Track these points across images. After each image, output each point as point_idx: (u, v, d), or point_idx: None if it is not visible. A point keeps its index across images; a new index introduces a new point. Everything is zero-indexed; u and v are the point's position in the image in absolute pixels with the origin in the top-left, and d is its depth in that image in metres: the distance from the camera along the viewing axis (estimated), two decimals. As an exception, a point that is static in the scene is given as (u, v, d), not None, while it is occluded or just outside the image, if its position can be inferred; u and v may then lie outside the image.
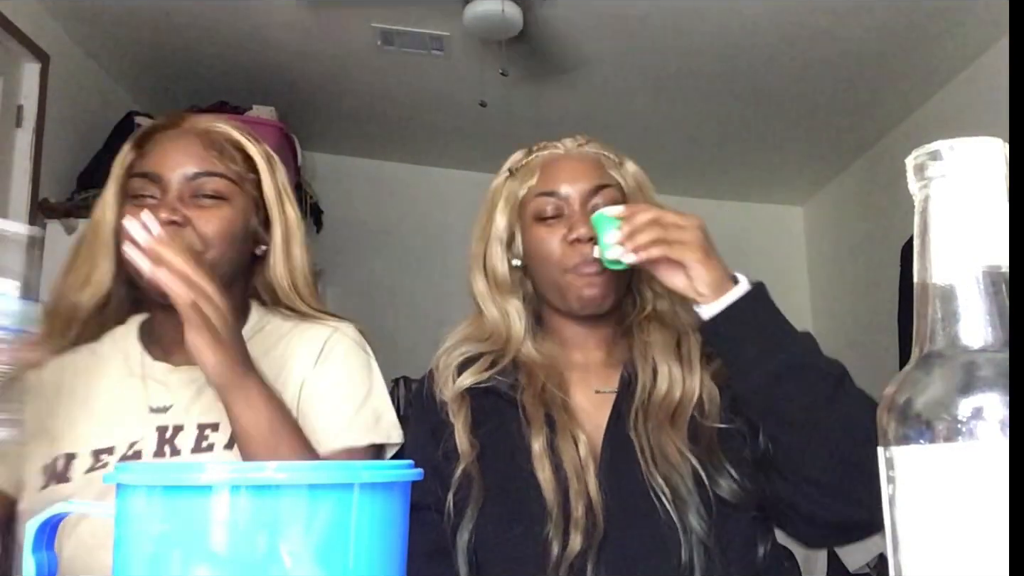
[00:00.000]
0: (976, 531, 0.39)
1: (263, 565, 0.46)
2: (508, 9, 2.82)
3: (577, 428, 1.04)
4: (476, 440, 1.05)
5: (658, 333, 1.12)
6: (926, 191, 0.44)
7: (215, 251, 1.05)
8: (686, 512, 0.97)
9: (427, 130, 4.15)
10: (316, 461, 0.97)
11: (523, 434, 1.04)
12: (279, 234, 1.13)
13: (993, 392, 0.40)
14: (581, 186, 1.11)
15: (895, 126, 3.86)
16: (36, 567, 0.52)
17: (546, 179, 1.13)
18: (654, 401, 1.06)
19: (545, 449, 1.02)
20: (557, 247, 1.09)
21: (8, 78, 2.85)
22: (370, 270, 4.36)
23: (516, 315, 1.15)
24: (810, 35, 3.16)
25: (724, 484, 0.99)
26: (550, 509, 0.98)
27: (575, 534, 0.96)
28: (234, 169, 1.10)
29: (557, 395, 1.07)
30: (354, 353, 1.13)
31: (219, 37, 3.27)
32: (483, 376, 1.10)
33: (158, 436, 1.03)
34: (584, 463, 1.01)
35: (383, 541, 0.49)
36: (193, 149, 1.08)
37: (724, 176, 4.60)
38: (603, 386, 1.11)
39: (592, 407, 1.09)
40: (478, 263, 1.17)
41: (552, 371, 1.11)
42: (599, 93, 3.64)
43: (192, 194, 1.06)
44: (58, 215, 2.98)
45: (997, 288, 0.42)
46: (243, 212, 1.10)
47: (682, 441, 1.01)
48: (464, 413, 1.08)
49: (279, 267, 1.14)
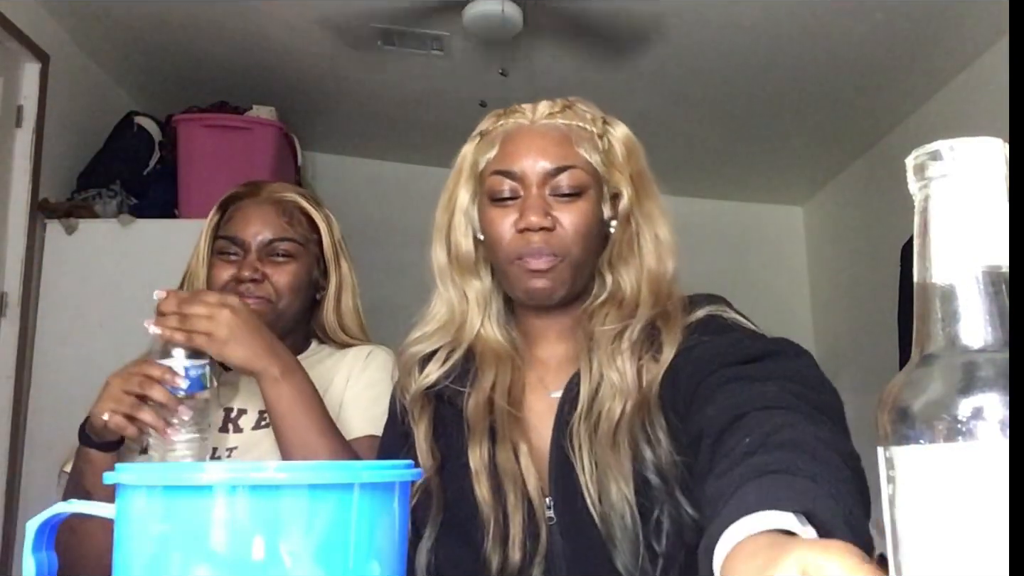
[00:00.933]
0: (976, 531, 0.39)
1: (263, 565, 0.46)
2: (508, 9, 2.82)
3: (520, 437, 0.95)
4: (437, 450, 0.98)
5: (607, 325, 0.98)
6: (926, 191, 0.44)
7: (286, 300, 1.30)
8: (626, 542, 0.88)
9: (427, 130, 4.14)
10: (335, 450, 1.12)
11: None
12: (333, 284, 1.40)
13: (993, 392, 0.40)
14: (541, 166, 0.98)
15: (895, 126, 3.86)
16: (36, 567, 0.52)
17: (504, 155, 1.01)
18: (597, 412, 0.93)
19: (484, 463, 0.94)
20: (507, 232, 0.99)
21: (8, 78, 2.85)
22: (369, 269, 4.35)
23: (475, 300, 1.04)
24: (810, 35, 3.16)
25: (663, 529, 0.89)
26: (485, 525, 0.92)
27: (513, 551, 0.90)
28: (301, 232, 1.35)
29: (501, 404, 0.97)
30: (388, 365, 1.33)
31: (219, 37, 3.27)
32: (435, 378, 1.02)
33: (225, 415, 1.28)
34: (525, 475, 0.93)
35: (383, 541, 0.49)
36: (269, 218, 1.33)
37: (724, 176, 4.60)
38: (557, 388, 1.00)
39: (546, 412, 0.99)
40: (440, 234, 1.06)
41: (506, 368, 1.01)
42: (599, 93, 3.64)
43: (268, 254, 1.31)
44: (58, 215, 2.98)
45: (997, 288, 0.42)
46: (308, 267, 1.35)
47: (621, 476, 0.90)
48: (425, 421, 1.01)
49: (330, 314, 1.40)
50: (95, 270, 2.95)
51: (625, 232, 1.02)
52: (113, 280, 2.92)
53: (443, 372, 1.02)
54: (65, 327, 2.90)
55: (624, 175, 1.02)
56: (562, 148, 1.00)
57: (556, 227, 0.98)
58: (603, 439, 0.92)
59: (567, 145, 1.00)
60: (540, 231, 0.97)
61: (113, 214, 3.05)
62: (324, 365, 1.36)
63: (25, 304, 2.86)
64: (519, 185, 0.99)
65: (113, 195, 3.12)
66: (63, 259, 2.97)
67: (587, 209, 1.00)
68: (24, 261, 2.87)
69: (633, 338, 0.96)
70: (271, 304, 1.29)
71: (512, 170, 1.00)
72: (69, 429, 1.28)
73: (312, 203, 1.39)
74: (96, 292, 2.91)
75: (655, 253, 1.02)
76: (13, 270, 2.85)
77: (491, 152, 1.02)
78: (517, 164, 0.99)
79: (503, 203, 1.00)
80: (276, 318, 1.29)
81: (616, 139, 1.04)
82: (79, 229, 2.99)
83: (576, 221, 0.99)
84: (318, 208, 1.40)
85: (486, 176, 1.02)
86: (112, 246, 2.97)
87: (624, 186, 1.02)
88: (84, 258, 2.97)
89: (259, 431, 1.28)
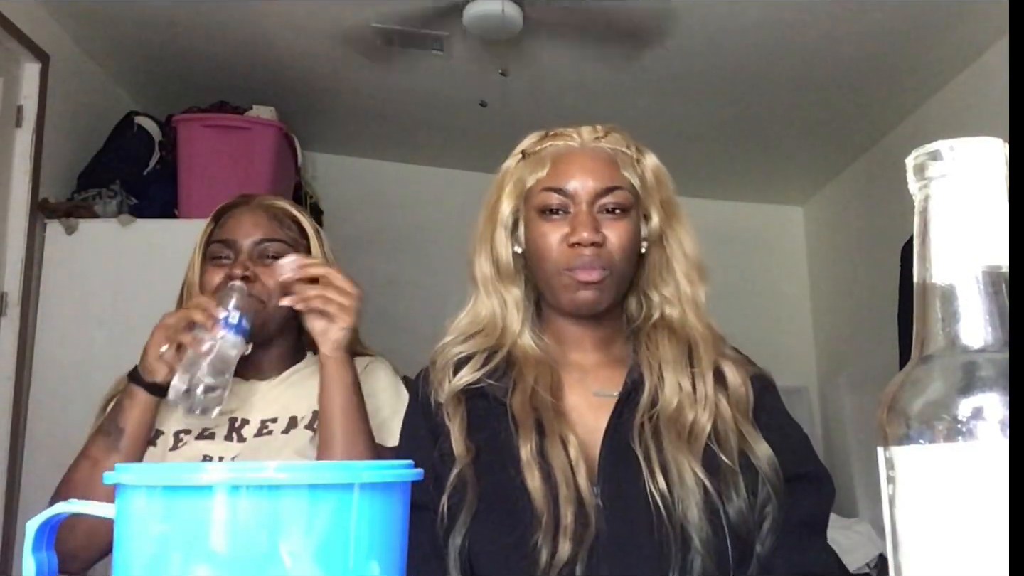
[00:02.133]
0: (976, 531, 0.39)
1: (263, 565, 0.46)
2: (508, 9, 2.82)
3: (568, 431, 1.01)
4: (472, 443, 1.03)
5: (668, 344, 1.08)
6: (926, 191, 0.44)
7: (275, 301, 1.30)
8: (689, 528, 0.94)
9: (427, 130, 4.15)
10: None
11: (514, 439, 1.01)
12: None
13: (993, 392, 0.40)
14: (591, 185, 1.07)
15: (895, 126, 3.86)
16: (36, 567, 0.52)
17: (555, 173, 1.08)
18: (663, 414, 1.02)
19: (534, 455, 0.99)
20: (557, 246, 1.06)
21: (8, 78, 2.85)
22: (370, 270, 4.36)
23: (515, 306, 1.12)
24: (810, 36, 3.16)
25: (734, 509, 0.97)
26: (539, 515, 0.95)
27: (564, 541, 0.94)
28: (290, 235, 1.38)
29: (546, 398, 1.04)
30: (387, 375, 1.40)
31: (219, 37, 3.27)
32: (475, 376, 1.07)
33: (228, 424, 1.32)
34: (575, 467, 0.98)
35: (383, 541, 0.49)
36: (259, 220, 1.37)
37: (724, 176, 4.60)
38: (603, 388, 1.08)
39: (589, 409, 1.06)
40: (485, 245, 1.13)
41: (546, 369, 1.08)
42: (599, 93, 3.64)
43: (259, 255, 1.34)
44: (58, 215, 2.98)
45: (997, 288, 0.42)
46: None
47: (696, 464, 0.98)
48: (460, 415, 1.05)
49: None
50: (95, 270, 2.95)
51: (659, 255, 1.12)
52: (113, 280, 2.92)
53: (485, 372, 1.08)
54: (65, 327, 2.90)
55: (655, 201, 1.12)
56: (609, 169, 1.09)
57: (605, 242, 1.06)
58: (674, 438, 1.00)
59: (613, 167, 1.09)
60: (591, 246, 1.04)
61: (113, 214, 3.05)
62: None
63: (25, 304, 2.86)
64: (569, 202, 1.07)
65: (113, 195, 3.11)
66: (63, 259, 2.97)
67: (630, 228, 1.08)
68: (24, 261, 2.87)
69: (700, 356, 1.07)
70: (262, 304, 1.30)
71: (564, 188, 1.07)
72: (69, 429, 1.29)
73: (300, 211, 1.44)
74: (96, 292, 2.91)
75: (688, 277, 1.11)
76: (13, 270, 2.85)
77: (541, 171, 1.09)
78: (569, 182, 1.07)
79: (551, 217, 1.08)
80: (266, 319, 1.31)
81: (648, 167, 1.13)
82: (79, 229, 2.99)
83: (622, 237, 1.07)
84: (307, 216, 1.44)
85: (536, 192, 1.09)
86: (112, 246, 2.97)
87: (654, 210, 1.11)
88: (84, 258, 2.97)
89: (260, 438, 1.30)
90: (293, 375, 1.39)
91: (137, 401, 1.24)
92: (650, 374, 1.06)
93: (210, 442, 1.30)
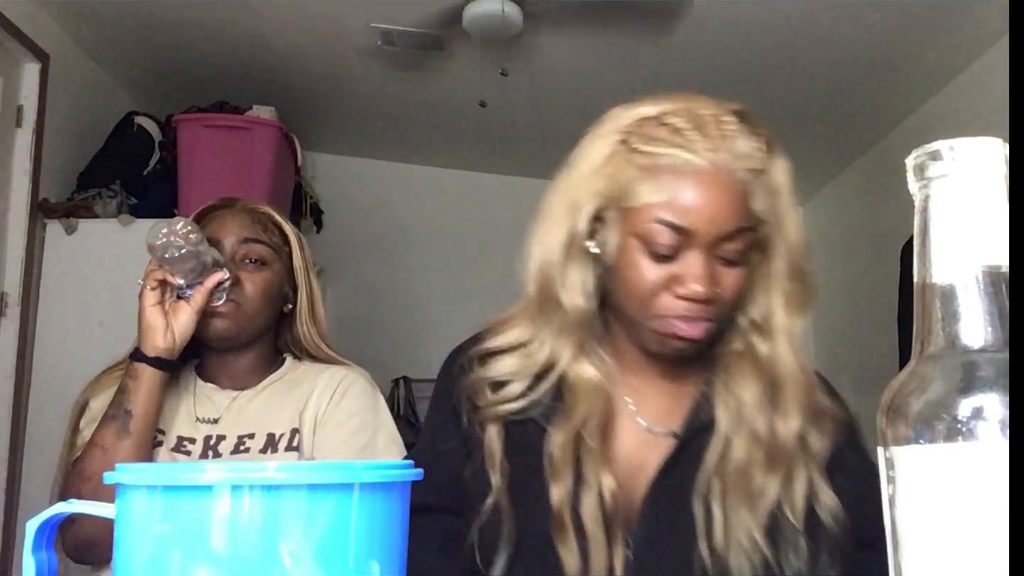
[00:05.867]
0: (976, 531, 0.39)
1: (263, 565, 0.46)
2: (508, 9, 2.82)
3: (607, 474, 0.88)
4: (507, 468, 0.90)
5: (751, 381, 0.90)
6: (926, 191, 0.44)
7: (255, 305, 1.33)
8: None
9: (427, 130, 4.14)
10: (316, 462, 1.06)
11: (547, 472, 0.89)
12: (305, 297, 1.42)
13: (993, 392, 0.40)
14: (716, 228, 0.85)
15: (895, 126, 3.86)
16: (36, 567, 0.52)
17: (675, 205, 0.85)
18: (730, 466, 0.88)
19: (566, 504, 0.87)
20: (656, 288, 0.87)
21: (8, 78, 2.85)
22: (370, 270, 4.36)
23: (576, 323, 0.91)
24: (810, 36, 3.16)
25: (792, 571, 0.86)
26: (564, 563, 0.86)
27: None
28: (274, 240, 1.39)
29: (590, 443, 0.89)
30: (367, 391, 1.38)
31: (219, 37, 3.27)
32: (520, 406, 0.92)
33: (204, 442, 1.30)
34: (611, 517, 0.87)
35: (383, 541, 0.49)
36: (244, 221, 1.38)
37: (724, 176, 4.60)
38: (659, 424, 0.93)
39: (637, 447, 0.92)
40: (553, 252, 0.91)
41: (598, 402, 0.91)
42: (599, 94, 3.64)
43: (242, 257, 1.34)
44: (58, 215, 2.98)
45: (997, 288, 0.42)
46: (279, 276, 1.39)
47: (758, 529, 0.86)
48: (498, 430, 0.92)
49: (306, 325, 1.42)
50: (95, 270, 2.95)
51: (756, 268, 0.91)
52: (113, 280, 2.91)
53: (529, 402, 0.92)
54: (65, 327, 2.90)
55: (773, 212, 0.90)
56: (739, 205, 0.86)
57: (717, 296, 0.87)
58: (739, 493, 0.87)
59: (743, 201, 0.86)
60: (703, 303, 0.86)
61: (113, 214, 3.05)
62: (303, 382, 1.38)
63: (25, 304, 2.86)
64: (683, 240, 0.85)
65: (113, 195, 3.12)
66: (63, 259, 2.97)
67: (748, 272, 0.89)
68: (24, 261, 2.87)
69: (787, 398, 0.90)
70: (240, 308, 1.31)
71: (683, 226, 0.85)
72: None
73: (283, 218, 1.45)
74: (96, 292, 2.91)
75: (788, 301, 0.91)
76: (13, 270, 2.85)
77: (657, 195, 0.85)
78: (689, 220, 0.84)
79: (657, 254, 0.86)
80: (245, 323, 1.32)
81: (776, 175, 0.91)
82: (79, 229, 2.99)
83: (738, 285, 0.88)
84: (289, 224, 1.45)
85: (643, 218, 0.86)
86: (112, 246, 2.97)
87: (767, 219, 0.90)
88: (84, 258, 2.97)
89: (237, 455, 1.29)
90: (269, 386, 1.38)
91: (143, 380, 1.23)
92: (726, 416, 0.90)
93: (186, 458, 1.29)
